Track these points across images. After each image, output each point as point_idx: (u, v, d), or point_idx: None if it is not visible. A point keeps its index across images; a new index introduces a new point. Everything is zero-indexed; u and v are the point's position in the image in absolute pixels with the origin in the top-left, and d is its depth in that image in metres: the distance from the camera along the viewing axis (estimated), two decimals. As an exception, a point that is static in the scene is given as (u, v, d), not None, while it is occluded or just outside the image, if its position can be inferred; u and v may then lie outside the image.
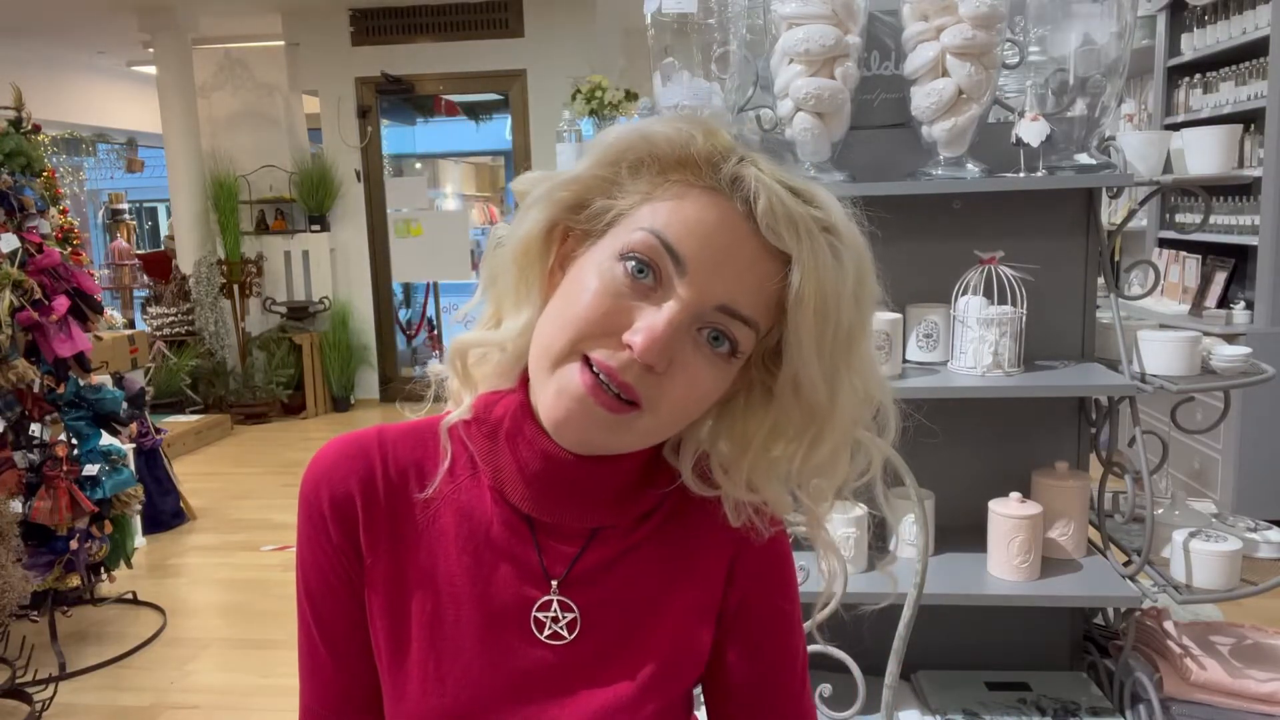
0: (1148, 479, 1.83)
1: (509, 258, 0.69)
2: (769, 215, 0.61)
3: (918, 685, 2.00)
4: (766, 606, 0.76)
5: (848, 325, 0.64)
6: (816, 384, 0.64)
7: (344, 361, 6.86)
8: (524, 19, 6.46)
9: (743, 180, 0.62)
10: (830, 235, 0.63)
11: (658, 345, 0.60)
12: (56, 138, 8.53)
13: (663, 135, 0.64)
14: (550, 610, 0.70)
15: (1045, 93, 1.87)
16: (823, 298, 0.62)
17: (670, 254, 0.61)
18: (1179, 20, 4.42)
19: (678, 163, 0.63)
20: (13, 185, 2.98)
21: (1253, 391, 2.50)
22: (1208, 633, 1.98)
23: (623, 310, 0.61)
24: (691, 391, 0.63)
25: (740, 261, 0.61)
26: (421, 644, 0.70)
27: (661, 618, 0.72)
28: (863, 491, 0.75)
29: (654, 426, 0.64)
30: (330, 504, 0.71)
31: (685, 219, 0.61)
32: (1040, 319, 1.91)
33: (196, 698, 2.84)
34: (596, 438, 0.64)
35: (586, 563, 0.71)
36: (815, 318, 0.62)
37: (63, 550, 3.00)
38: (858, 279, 0.65)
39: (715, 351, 0.63)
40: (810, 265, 0.61)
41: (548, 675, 0.70)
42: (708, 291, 0.61)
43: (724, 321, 0.62)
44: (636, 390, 0.61)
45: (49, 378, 3.04)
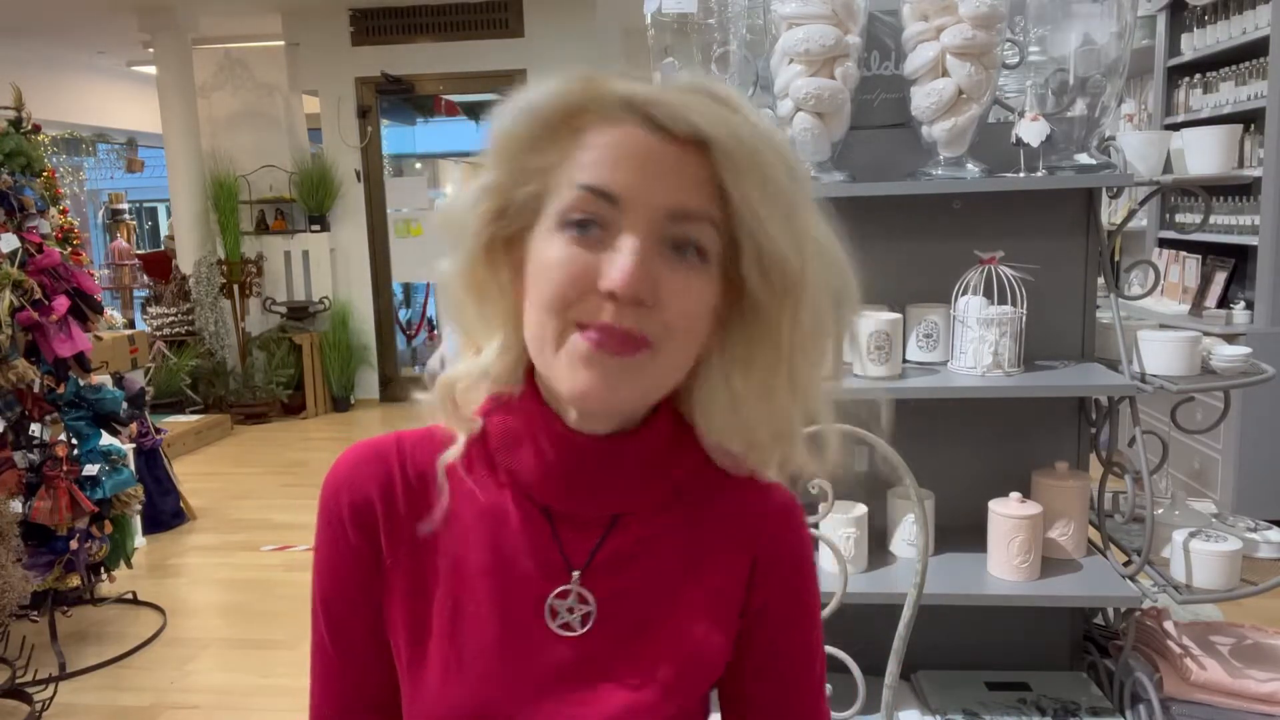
0: (1148, 479, 1.83)
1: (463, 294, 0.69)
2: (668, 111, 0.61)
3: (918, 685, 2.00)
4: (788, 610, 0.76)
5: (788, 193, 0.63)
6: (783, 250, 0.63)
7: (344, 361, 6.86)
8: (524, 19, 6.46)
9: (633, 97, 0.62)
10: (727, 105, 0.63)
11: (634, 276, 0.60)
12: (56, 138, 8.53)
13: (540, 99, 0.64)
14: (567, 600, 0.70)
15: (1045, 93, 1.87)
16: (754, 162, 0.61)
17: (602, 196, 0.61)
18: (1179, 20, 4.42)
19: (568, 117, 0.63)
20: (13, 185, 2.98)
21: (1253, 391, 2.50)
22: (1208, 633, 1.98)
23: (587, 268, 0.61)
24: (686, 307, 0.63)
25: (665, 166, 0.61)
26: (442, 641, 0.70)
27: (681, 615, 0.72)
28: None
29: (670, 356, 0.64)
30: (350, 509, 0.72)
31: (599, 159, 0.62)
32: (1040, 319, 1.91)
33: (196, 698, 2.84)
34: (622, 391, 0.63)
35: (607, 551, 0.71)
36: (756, 184, 0.62)
37: (63, 550, 3.00)
38: (781, 148, 0.64)
39: (687, 261, 0.62)
40: (727, 138, 0.61)
41: (568, 670, 0.70)
42: (651, 207, 0.61)
43: (680, 228, 0.62)
44: (639, 331, 0.61)
45: (49, 378, 3.04)
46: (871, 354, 1.84)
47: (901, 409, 1.91)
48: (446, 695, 0.69)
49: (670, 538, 0.72)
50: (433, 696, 0.70)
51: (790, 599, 0.75)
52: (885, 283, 2.02)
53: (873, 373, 1.84)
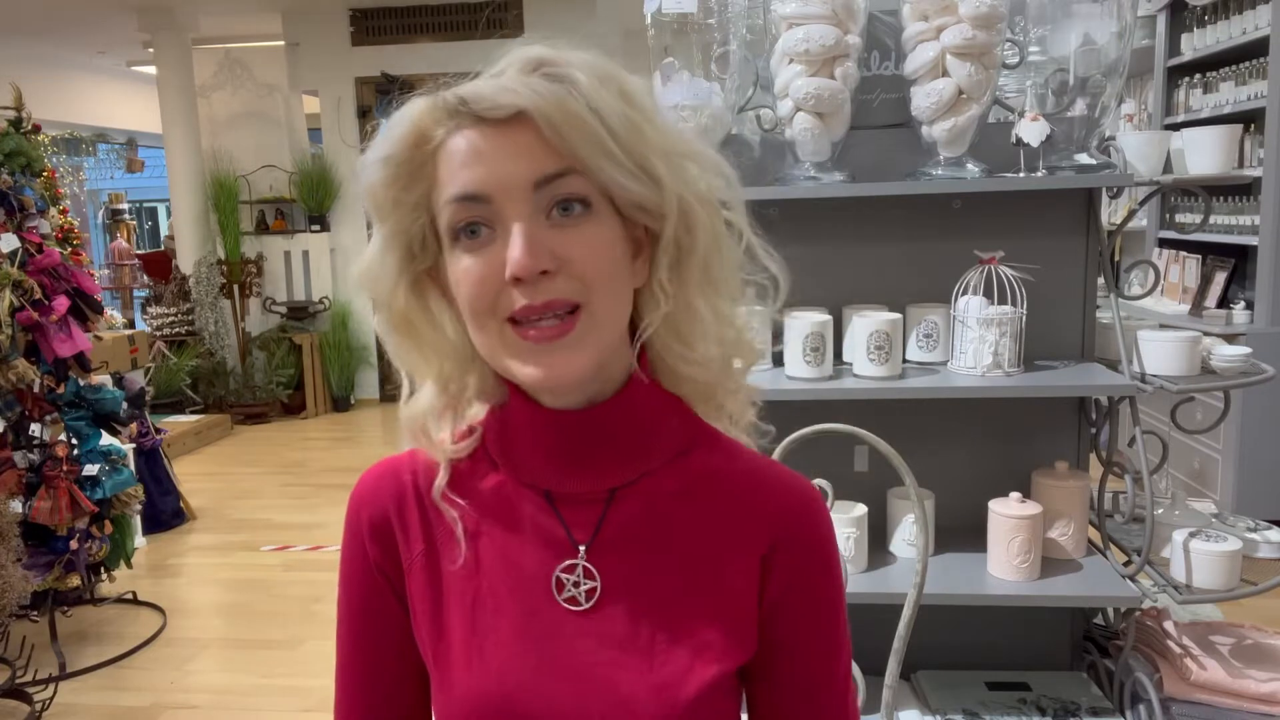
0: (1148, 479, 1.83)
1: (399, 340, 0.74)
2: (480, 103, 0.64)
3: (918, 685, 2.00)
4: (807, 600, 0.74)
5: (620, 119, 0.65)
6: (632, 185, 0.66)
7: (344, 361, 6.86)
8: (524, 19, 6.47)
9: (450, 105, 0.65)
10: (545, 67, 0.66)
11: (526, 254, 0.63)
12: (56, 138, 8.54)
13: (391, 142, 0.67)
14: (574, 574, 0.72)
15: (1045, 93, 1.87)
16: (569, 117, 0.63)
17: (470, 200, 0.65)
18: (1179, 20, 4.42)
19: (417, 146, 0.67)
20: (13, 185, 2.98)
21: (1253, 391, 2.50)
22: (1208, 633, 1.98)
23: (490, 264, 0.65)
24: (591, 256, 0.65)
25: (508, 148, 0.64)
26: (464, 634, 0.73)
27: (704, 586, 0.72)
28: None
29: (601, 307, 0.66)
30: (369, 525, 0.76)
31: (453, 169, 0.65)
32: (1040, 319, 1.91)
33: (196, 698, 2.85)
34: (578, 361, 0.66)
35: (611, 527, 0.73)
36: (580, 136, 0.64)
37: (63, 550, 3.00)
38: (600, 79, 0.66)
39: (574, 215, 0.65)
40: (539, 103, 0.63)
41: (586, 649, 0.71)
42: (515, 188, 0.64)
43: (552, 190, 0.64)
44: (558, 298, 0.64)
45: (49, 378, 3.04)
46: (871, 354, 1.84)
47: (901, 409, 1.92)
48: (471, 685, 0.71)
49: (679, 513, 0.73)
50: (459, 688, 0.72)
51: (809, 587, 0.74)
52: (885, 283, 2.02)
53: (873, 373, 1.84)
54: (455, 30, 6.53)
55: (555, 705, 0.70)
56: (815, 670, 0.75)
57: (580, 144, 0.64)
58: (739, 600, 0.73)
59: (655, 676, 0.70)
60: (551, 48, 0.68)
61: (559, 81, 0.64)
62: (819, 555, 0.75)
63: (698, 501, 0.74)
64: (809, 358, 1.83)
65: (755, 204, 0.77)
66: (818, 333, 1.83)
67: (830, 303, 1.97)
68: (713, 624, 0.72)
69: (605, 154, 0.64)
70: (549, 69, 0.65)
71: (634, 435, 0.72)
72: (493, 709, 0.70)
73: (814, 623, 0.75)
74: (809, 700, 0.75)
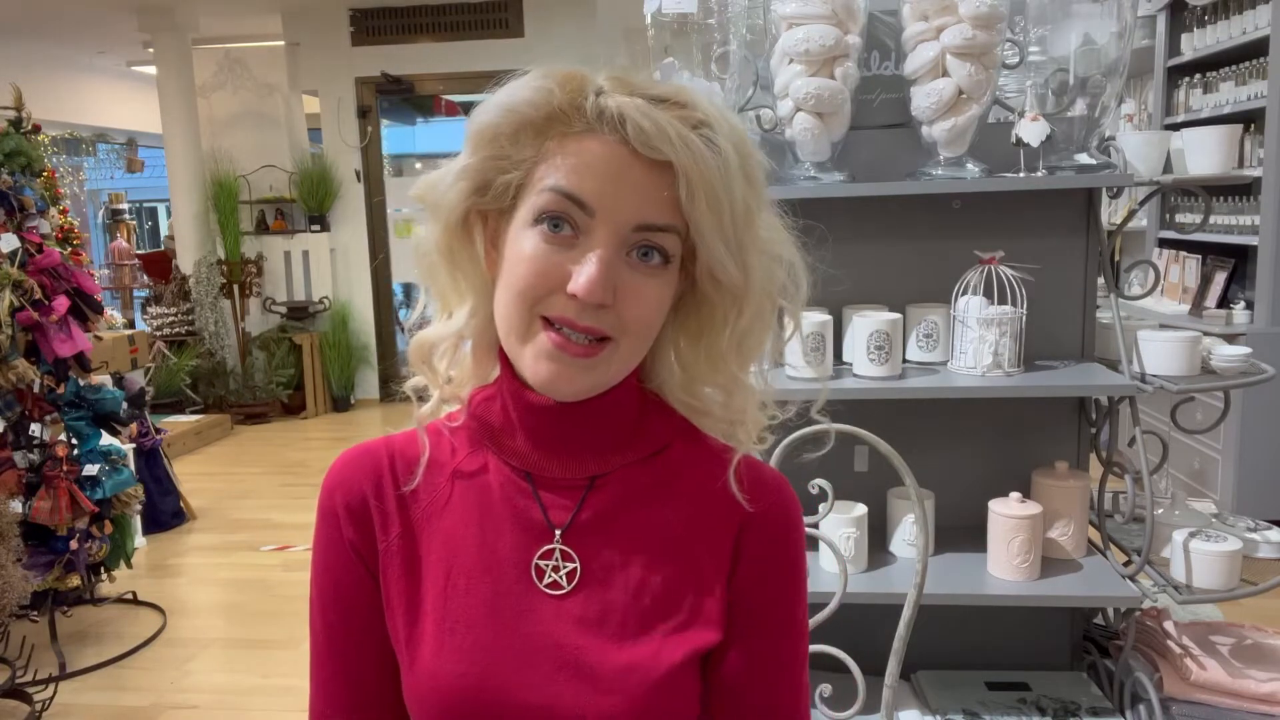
0: (1148, 479, 1.83)
1: (436, 259, 0.74)
2: (640, 135, 0.66)
3: (918, 685, 2.00)
4: (774, 584, 0.76)
5: (742, 204, 0.68)
6: (727, 267, 0.69)
7: (344, 361, 6.86)
8: (524, 19, 6.46)
9: (607, 113, 0.67)
10: (702, 129, 0.67)
11: (597, 285, 0.65)
12: (56, 138, 8.53)
13: (524, 100, 0.68)
14: (552, 559, 0.74)
15: (1045, 93, 1.87)
16: (709, 189, 0.66)
17: (575, 203, 0.66)
18: (1179, 20, 4.42)
19: (548, 120, 0.68)
20: (13, 185, 2.98)
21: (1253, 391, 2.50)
22: (1208, 633, 1.98)
23: (557, 264, 0.67)
24: (644, 306, 0.69)
25: (635, 182, 0.66)
26: (436, 615, 0.73)
27: (670, 577, 0.74)
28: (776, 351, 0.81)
29: (628, 349, 0.70)
30: (345, 506, 0.76)
31: (576, 166, 0.67)
32: (1040, 319, 1.91)
33: (196, 698, 2.85)
34: (584, 383, 0.70)
35: (588, 511, 0.74)
36: (708, 209, 0.67)
37: (63, 550, 3.00)
38: (741, 159, 0.69)
39: (649, 265, 0.68)
40: (689, 164, 0.66)
41: (560, 630, 0.72)
42: (620, 220, 0.67)
43: (645, 237, 0.68)
44: (599, 328, 0.67)
45: (49, 378, 3.04)
46: (871, 354, 1.84)
47: (901, 409, 1.91)
48: (442, 665, 0.72)
49: (656, 502, 0.75)
50: (429, 668, 0.72)
51: (774, 570, 0.76)
52: (885, 283, 2.02)
53: (873, 373, 1.84)
54: (455, 30, 6.53)
55: (524, 687, 0.71)
56: (771, 656, 0.76)
57: (705, 216, 0.67)
58: (709, 585, 0.74)
59: (624, 657, 0.71)
60: (707, 99, 0.70)
61: (713, 150, 0.67)
62: (787, 538, 0.77)
63: (673, 491, 0.76)
64: (809, 358, 1.83)
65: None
66: (818, 333, 1.83)
67: (830, 303, 1.97)
68: (683, 608, 0.73)
69: (720, 232, 0.68)
70: (706, 132, 0.67)
71: (617, 429, 0.75)
72: (462, 690, 0.71)
73: (774, 609, 0.76)
74: (765, 687, 0.76)
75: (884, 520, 1.99)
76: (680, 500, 0.76)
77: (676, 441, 0.78)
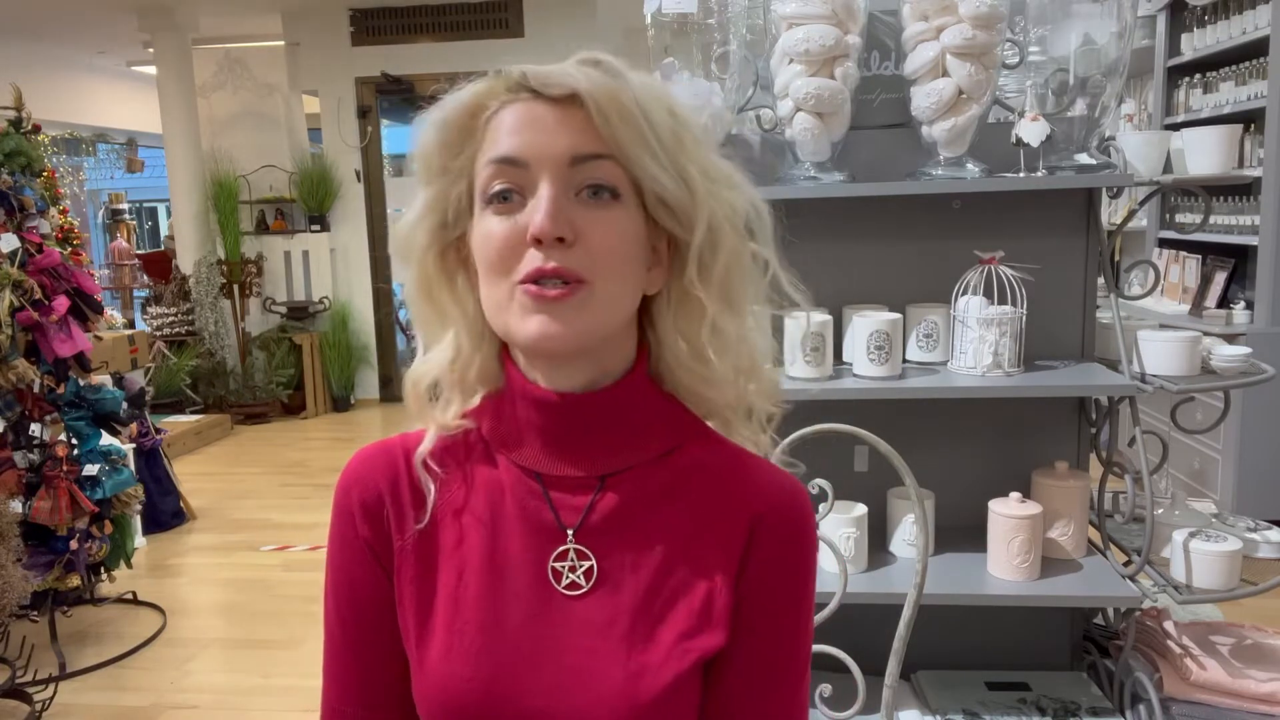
0: (1148, 479, 1.83)
1: (421, 303, 0.77)
2: (540, 79, 0.69)
3: (918, 685, 2.00)
4: (782, 588, 0.75)
5: (667, 125, 0.70)
6: (662, 180, 0.69)
7: (344, 361, 6.86)
8: (524, 19, 6.46)
9: (511, 80, 0.70)
10: (600, 65, 0.70)
11: (549, 219, 0.66)
12: (56, 138, 8.53)
13: (446, 109, 0.72)
14: (567, 560, 0.73)
15: (1045, 93, 1.87)
16: (620, 108, 0.68)
17: (509, 163, 0.69)
18: (1179, 20, 4.42)
19: (471, 115, 0.72)
20: (13, 185, 2.98)
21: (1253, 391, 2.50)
22: (1208, 633, 1.98)
23: (516, 229, 0.68)
24: (606, 236, 0.69)
25: (556, 123, 0.69)
26: (447, 615, 0.74)
27: (684, 575, 0.74)
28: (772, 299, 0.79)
29: (605, 288, 0.69)
30: (360, 504, 0.77)
31: (499, 134, 0.70)
32: (1040, 319, 1.91)
33: (196, 698, 2.84)
34: (570, 328, 0.68)
35: (600, 511, 0.74)
36: (625, 123, 0.68)
37: (63, 550, 3.00)
38: (651, 93, 0.70)
39: (601, 201, 0.69)
40: (593, 89, 0.67)
41: (566, 633, 0.72)
42: (554, 160, 0.68)
43: (586, 172, 0.68)
44: (567, 267, 0.67)
45: (49, 378, 3.04)
46: (871, 354, 1.84)
47: (901, 409, 1.92)
48: (450, 668, 0.72)
49: (667, 503, 0.75)
50: (437, 671, 0.72)
51: (784, 574, 0.75)
52: (885, 283, 2.02)
53: (873, 373, 1.84)
54: (455, 30, 6.53)
55: (531, 692, 0.71)
56: (771, 662, 0.75)
57: (624, 133, 0.68)
58: (718, 588, 0.74)
59: (632, 665, 0.71)
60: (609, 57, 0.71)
61: (615, 76, 0.69)
62: (796, 548, 0.76)
63: (684, 492, 0.75)
64: (809, 358, 1.83)
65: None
66: (818, 333, 1.83)
67: (830, 303, 1.97)
68: (691, 612, 0.73)
69: (646, 148, 0.68)
70: (607, 66, 0.70)
71: (626, 427, 0.75)
72: (469, 694, 0.71)
73: (780, 614, 0.75)
74: (763, 690, 0.75)
75: (884, 520, 1.99)
76: (692, 501, 0.75)
77: (689, 442, 0.77)
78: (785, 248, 0.77)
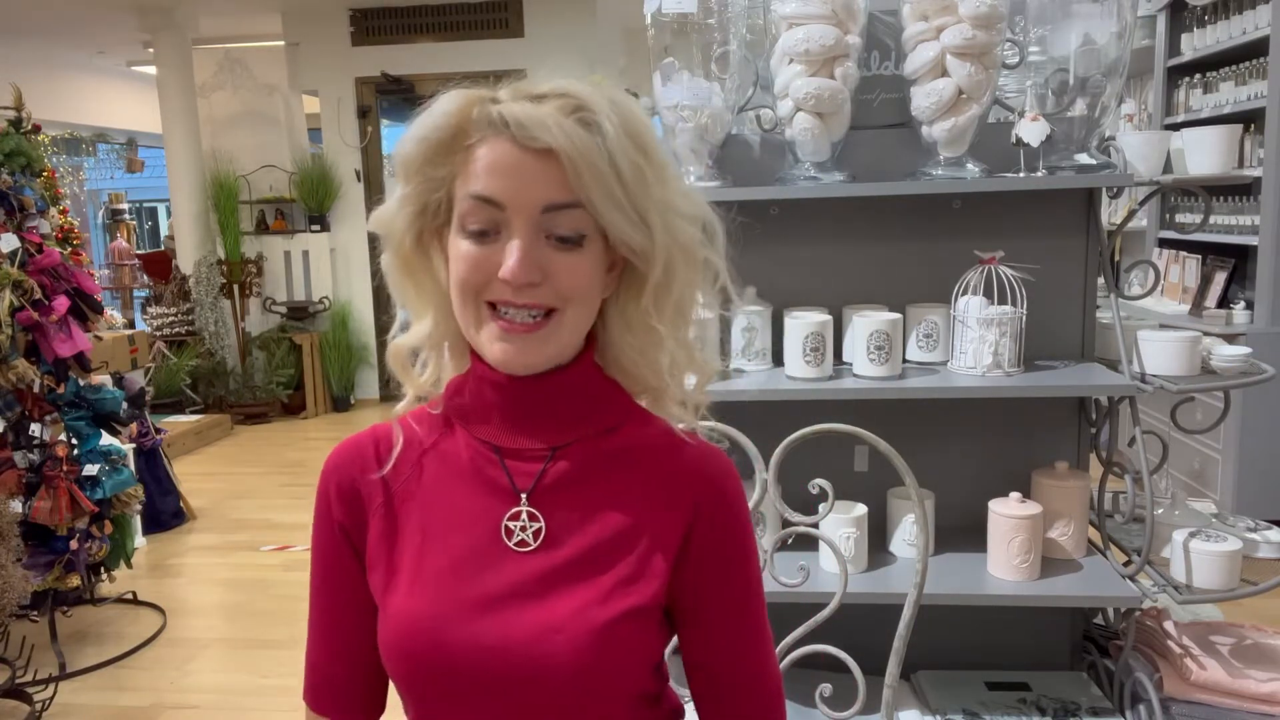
0: (1148, 479, 1.83)
1: (399, 279, 0.86)
2: (520, 130, 0.75)
3: (918, 685, 2.00)
4: (728, 551, 0.86)
5: (632, 171, 0.76)
6: (626, 231, 0.77)
7: (344, 361, 6.86)
8: (524, 19, 6.46)
9: (493, 120, 0.77)
10: (580, 112, 0.76)
11: (520, 269, 0.75)
12: (56, 138, 8.53)
13: (430, 127, 0.79)
14: (519, 520, 0.83)
15: (1045, 93, 1.87)
16: (590, 164, 0.74)
17: (488, 203, 0.76)
18: (1179, 20, 4.42)
19: (453, 137, 0.79)
20: (13, 185, 2.98)
21: (1253, 391, 2.50)
22: (1208, 633, 1.98)
23: (488, 256, 0.77)
24: (574, 276, 0.78)
25: (532, 171, 0.75)
26: (411, 569, 0.83)
27: (628, 537, 0.83)
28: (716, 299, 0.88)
29: (573, 316, 0.79)
30: (336, 489, 0.88)
31: (481, 171, 0.77)
32: (1040, 319, 1.92)
33: (196, 698, 2.84)
34: (537, 355, 0.79)
35: (550, 478, 0.84)
36: (594, 181, 0.75)
37: (63, 550, 3.00)
38: (623, 130, 0.76)
39: (569, 245, 0.77)
40: (568, 146, 0.74)
41: (520, 582, 0.81)
42: (528, 206, 0.76)
43: (556, 220, 0.76)
44: (537, 302, 0.77)
45: (49, 378, 3.04)
46: (871, 354, 1.84)
47: (901, 409, 1.92)
48: (407, 608, 0.82)
49: (614, 473, 0.85)
50: (400, 610, 0.82)
51: (729, 540, 0.86)
52: (885, 283, 2.02)
53: (873, 373, 1.84)
54: (455, 30, 6.53)
55: (483, 631, 0.80)
56: (735, 611, 0.87)
57: (594, 189, 0.75)
58: (658, 547, 0.83)
59: (573, 604, 0.80)
60: (592, 88, 0.78)
61: (590, 130, 0.75)
62: (736, 511, 0.87)
63: (627, 462, 0.85)
64: (809, 358, 1.83)
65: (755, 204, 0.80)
66: (818, 333, 1.83)
67: (830, 303, 1.97)
68: (633, 564, 0.82)
69: (612, 199, 0.76)
70: (585, 114, 0.75)
71: (575, 405, 0.84)
72: (424, 630, 0.80)
73: (733, 567, 0.86)
74: (734, 633, 0.87)
75: (884, 520, 1.99)
76: (633, 472, 0.85)
77: (628, 422, 0.87)
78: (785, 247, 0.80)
